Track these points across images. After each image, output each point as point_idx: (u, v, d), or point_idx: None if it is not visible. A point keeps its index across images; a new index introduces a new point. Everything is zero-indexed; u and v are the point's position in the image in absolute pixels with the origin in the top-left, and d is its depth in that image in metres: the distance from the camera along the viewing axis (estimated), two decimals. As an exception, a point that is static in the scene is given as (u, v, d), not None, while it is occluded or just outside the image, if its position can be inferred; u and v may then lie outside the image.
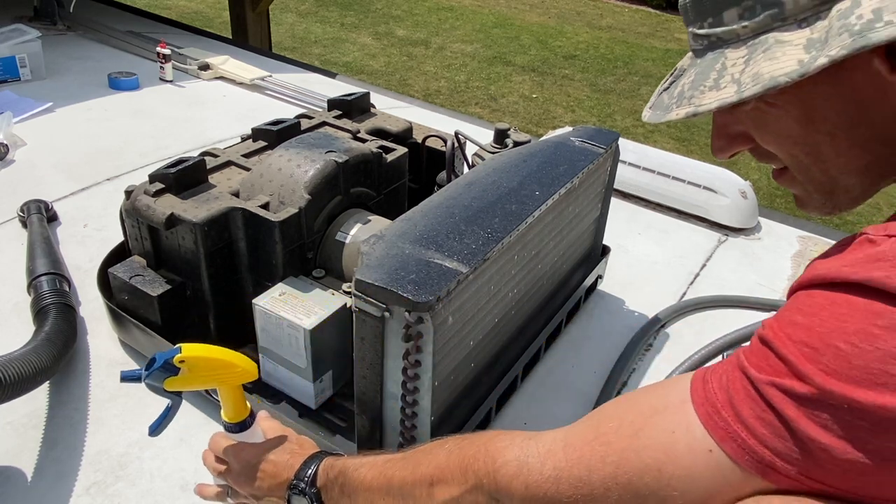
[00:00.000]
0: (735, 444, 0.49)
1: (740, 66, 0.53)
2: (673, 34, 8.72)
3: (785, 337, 0.48)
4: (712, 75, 0.56)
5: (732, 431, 0.49)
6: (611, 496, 0.54)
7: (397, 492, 0.69)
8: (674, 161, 1.93)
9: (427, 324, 0.77)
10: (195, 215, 1.02)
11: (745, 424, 0.49)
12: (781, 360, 0.48)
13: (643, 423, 0.55)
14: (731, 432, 0.49)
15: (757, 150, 0.61)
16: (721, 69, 0.55)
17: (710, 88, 0.55)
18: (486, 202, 0.98)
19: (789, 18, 0.51)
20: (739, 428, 0.49)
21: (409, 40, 7.73)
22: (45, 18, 2.86)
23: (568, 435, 0.60)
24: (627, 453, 0.54)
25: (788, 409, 0.46)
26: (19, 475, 0.97)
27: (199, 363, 0.73)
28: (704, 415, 0.51)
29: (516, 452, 0.61)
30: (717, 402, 0.51)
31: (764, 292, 1.52)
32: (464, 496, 0.64)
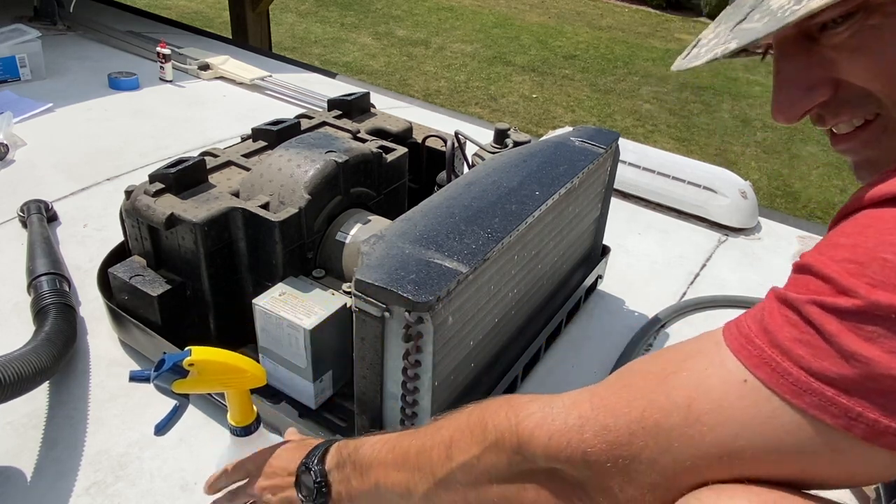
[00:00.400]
0: (769, 368, 0.46)
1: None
2: (673, 34, 8.73)
3: (827, 258, 0.46)
4: (744, 9, 0.49)
5: (767, 357, 0.46)
6: (635, 441, 0.51)
7: (413, 462, 0.66)
8: (674, 161, 1.93)
9: (427, 324, 0.77)
10: (195, 215, 1.02)
11: (781, 348, 0.46)
12: (823, 280, 0.45)
13: (675, 367, 0.53)
14: (765, 358, 0.46)
15: (840, 99, 0.52)
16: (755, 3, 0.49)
17: (746, 22, 0.48)
18: (486, 202, 0.98)
19: None
20: (775, 353, 0.46)
21: (409, 40, 7.73)
22: (45, 18, 2.86)
23: (595, 387, 0.57)
24: (655, 394, 0.51)
25: (830, 325, 0.44)
26: (19, 475, 0.97)
27: (208, 367, 0.73)
28: (737, 346, 0.49)
29: (540, 404, 0.58)
30: (751, 333, 0.49)
31: (764, 292, 1.51)
32: (483, 455, 0.60)
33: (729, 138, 5.79)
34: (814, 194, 5.04)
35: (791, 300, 0.47)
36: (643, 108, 6.37)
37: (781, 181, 5.16)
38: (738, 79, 7.23)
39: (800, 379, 0.44)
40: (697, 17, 9.54)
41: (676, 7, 9.80)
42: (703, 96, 6.70)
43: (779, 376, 0.45)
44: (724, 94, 6.79)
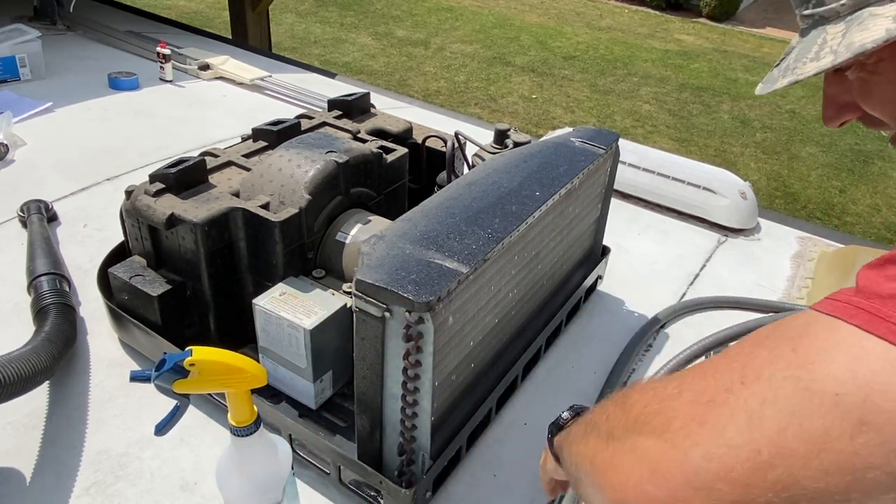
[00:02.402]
0: (869, 316, 0.46)
1: (838, 39, 0.58)
2: (672, 35, 8.73)
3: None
4: (814, 48, 0.61)
5: (868, 307, 0.46)
6: None
7: None
8: (673, 161, 1.93)
9: (427, 324, 0.77)
10: (195, 215, 1.02)
11: (885, 297, 0.46)
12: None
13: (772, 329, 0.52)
14: (865, 308, 0.46)
15: (866, 118, 0.64)
16: (822, 43, 0.60)
17: (811, 60, 0.60)
18: (487, 203, 0.98)
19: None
20: (878, 302, 0.46)
21: (409, 41, 7.73)
22: (45, 18, 2.86)
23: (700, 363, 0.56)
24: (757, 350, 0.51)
25: None
26: (19, 475, 0.97)
27: (208, 367, 0.73)
28: (833, 308, 0.48)
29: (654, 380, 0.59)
30: (847, 297, 0.48)
31: (763, 293, 1.52)
32: None
33: (728, 139, 5.79)
34: (813, 195, 5.04)
35: (892, 256, 0.48)
36: (643, 108, 6.37)
37: (781, 182, 5.16)
38: (738, 80, 7.24)
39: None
40: (697, 18, 9.54)
41: (676, 8, 9.80)
42: (703, 97, 6.70)
43: (881, 322, 0.45)
44: (723, 94, 6.79)
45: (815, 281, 1.59)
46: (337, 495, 0.97)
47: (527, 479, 1.02)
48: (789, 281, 1.59)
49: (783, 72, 0.65)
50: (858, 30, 0.56)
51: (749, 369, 0.50)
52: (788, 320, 0.52)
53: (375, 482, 0.90)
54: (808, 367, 0.46)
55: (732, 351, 0.54)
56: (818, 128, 5.91)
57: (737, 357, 0.52)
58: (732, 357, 0.53)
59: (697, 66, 7.60)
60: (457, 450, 0.99)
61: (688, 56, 7.91)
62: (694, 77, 7.25)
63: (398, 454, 0.89)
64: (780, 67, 0.67)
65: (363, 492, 0.95)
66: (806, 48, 0.62)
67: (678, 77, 7.21)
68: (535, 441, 1.09)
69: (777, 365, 0.48)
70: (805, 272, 1.62)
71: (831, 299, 0.50)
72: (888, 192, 5.16)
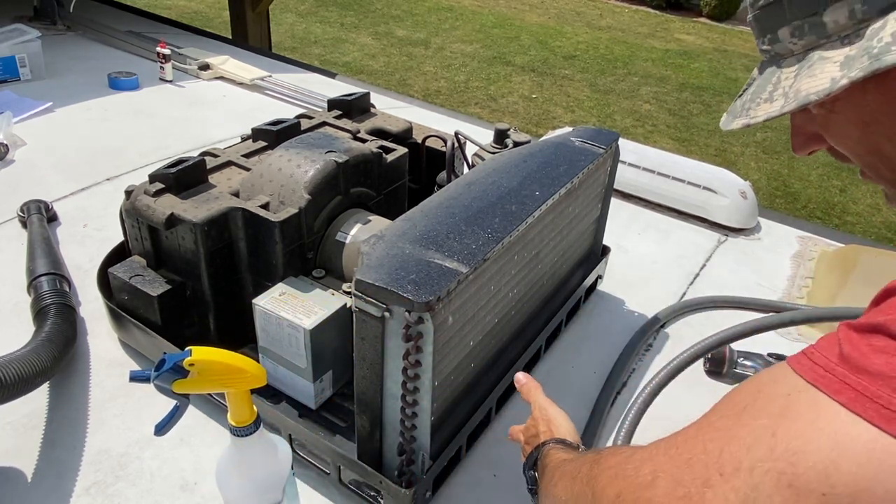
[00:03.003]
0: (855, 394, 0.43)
1: (790, 81, 0.58)
2: (672, 34, 8.73)
3: None
4: (768, 88, 0.60)
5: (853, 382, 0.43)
6: None
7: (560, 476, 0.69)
8: (674, 161, 1.93)
9: (427, 324, 0.77)
10: (195, 215, 1.02)
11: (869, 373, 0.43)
12: None
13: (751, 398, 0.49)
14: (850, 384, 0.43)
15: (832, 150, 0.63)
16: (776, 82, 0.60)
17: (765, 101, 0.60)
18: (487, 202, 0.98)
19: (833, 36, 0.54)
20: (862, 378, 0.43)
21: (409, 40, 7.73)
22: (45, 18, 2.86)
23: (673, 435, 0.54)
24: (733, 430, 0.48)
25: None
26: (19, 475, 0.97)
27: (208, 367, 0.73)
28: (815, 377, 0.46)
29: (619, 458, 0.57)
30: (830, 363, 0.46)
31: (764, 292, 1.52)
32: None
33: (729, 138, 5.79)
34: (813, 194, 5.04)
35: (877, 324, 0.44)
36: (643, 108, 6.37)
37: (781, 181, 5.16)
38: (738, 79, 7.23)
39: (892, 402, 0.41)
40: (697, 18, 9.53)
41: (676, 7, 9.80)
42: (703, 96, 6.70)
43: (867, 401, 0.42)
44: (723, 94, 6.79)
45: (815, 280, 1.59)
46: (337, 495, 0.97)
47: (527, 479, 1.02)
48: (790, 280, 1.59)
49: (741, 110, 0.64)
50: (807, 75, 0.55)
51: (727, 455, 0.47)
52: (768, 385, 0.49)
53: (375, 482, 0.90)
54: (791, 459, 0.44)
55: (709, 423, 0.51)
56: (818, 127, 5.89)
57: (714, 435, 0.49)
58: (709, 433, 0.50)
59: (698, 65, 7.60)
60: (457, 450, 0.99)
61: (688, 56, 7.91)
62: (694, 76, 7.24)
63: (398, 454, 0.89)
64: (741, 100, 0.66)
65: (363, 492, 0.94)
66: (762, 86, 0.62)
67: (678, 77, 7.21)
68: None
69: (756, 453, 0.45)
70: (805, 272, 1.62)
71: (812, 361, 0.47)
72: (888, 192, 5.14)
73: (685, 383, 1.21)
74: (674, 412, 1.15)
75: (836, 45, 0.54)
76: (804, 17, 0.56)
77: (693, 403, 1.20)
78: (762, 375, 0.52)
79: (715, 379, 1.25)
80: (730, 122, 0.65)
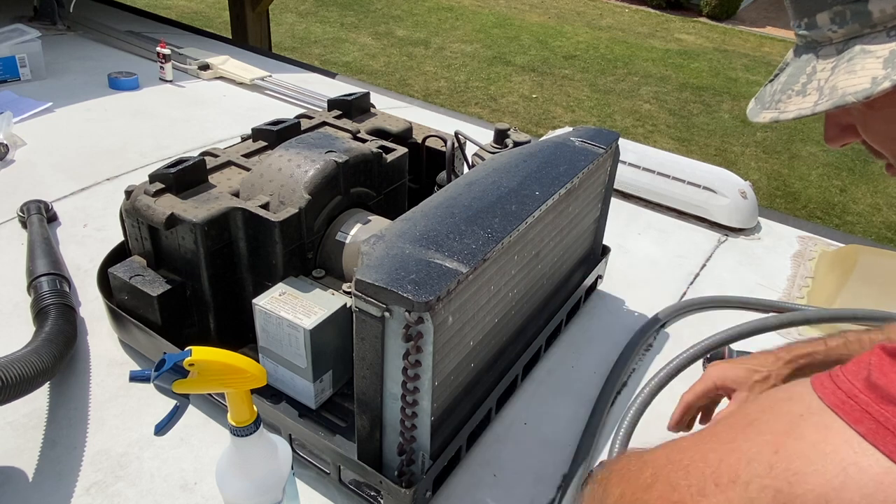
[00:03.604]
0: (876, 425, 0.41)
1: (827, 73, 0.52)
2: (673, 34, 8.73)
3: None
4: (802, 79, 0.55)
5: (875, 412, 0.41)
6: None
7: None
8: (674, 161, 1.93)
9: (427, 324, 0.77)
10: (195, 215, 1.02)
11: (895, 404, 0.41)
12: None
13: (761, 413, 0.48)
14: (872, 413, 0.41)
15: (866, 144, 0.60)
16: (811, 73, 0.54)
17: (797, 93, 0.55)
18: (487, 202, 0.98)
19: (878, 27, 0.49)
20: (886, 408, 0.41)
21: (409, 40, 7.73)
22: (45, 18, 2.86)
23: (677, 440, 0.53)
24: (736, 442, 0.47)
25: None
26: (19, 475, 0.97)
27: (208, 367, 0.73)
28: (835, 402, 0.43)
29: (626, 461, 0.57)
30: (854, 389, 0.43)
31: (764, 292, 1.52)
32: None
33: (729, 138, 5.79)
34: (814, 194, 5.04)
35: None
36: (643, 108, 6.37)
37: (781, 181, 5.16)
38: (738, 79, 7.24)
39: None
40: (697, 17, 9.53)
41: (676, 7, 9.80)
42: (703, 96, 6.70)
43: (888, 433, 0.40)
44: (723, 94, 6.79)
45: (815, 280, 1.59)
46: (337, 495, 0.97)
47: (527, 479, 1.02)
48: (790, 280, 1.59)
49: (770, 99, 0.59)
50: (845, 70, 0.50)
51: (725, 466, 0.46)
52: (783, 401, 0.47)
53: (375, 482, 0.90)
54: (790, 479, 0.42)
55: (715, 433, 0.50)
56: (819, 127, 5.90)
57: (716, 445, 0.48)
58: (712, 443, 0.49)
59: (698, 65, 7.60)
60: (457, 450, 0.99)
61: (688, 55, 7.91)
62: (694, 76, 7.24)
63: (398, 454, 0.89)
64: (773, 89, 0.61)
65: (363, 492, 0.94)
66: (795, 75, 0.56)
67: (678, 76, 7.21)
68: (536, 441, 1.10)
69: (756, 467, 0.44)
70: (805, 272, 1.62)
71: (836, 384, 0.45)
72: (889, 191, 5.15)
73: (685, 383, 1.21)
74: (674, 412, 1.15)
75: (880, 37, 0.49)
76: (846, 3, 0.50)
77: (693, 403, 1.19)
78: (779, 391, 0.50)
79: (715, 379, 1.25)
80: (758, 112, 0.60)
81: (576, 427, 1.12)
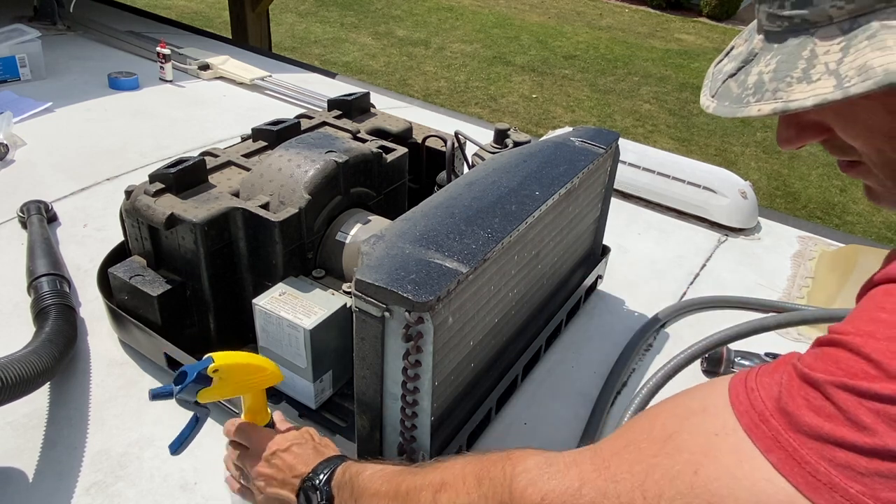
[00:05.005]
0: (785, 454, 0.43)
1: (836, 55, 0.46)
2: (673, 34, 8.73)
3: (867, 335, 0.42)
4: (800, 64, 0.48)
5: (783, 441, 0.43)
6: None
7: (401, 499, 0.66)
8: (674, 161, 1.93)
9: (427, 324, 0.77)
10: (195, 215, 1.02)
11: (800, 433, 0.42)
12: (864, 359, 0.41)
13: (678, 425, 0.50)
14: (780, 442, 0.43)
15: (831, 143, 0.54)
16: (810, 57, 0.48)
17: (799, 80, 0.48)
18: (487, 202, 0.98)
19: None
20: (791, 437, 0.43)
21: (409, 40, 7.73)
22: (45, 18, 2.86)
23: (598, 446, 0.55)
24: (658, 458, 0.49)
25: (864, 414, 0.40)
26: (19, 475, 0.97)
27: (231, 371, 0.73)
28: (749, 423, 0.45)
29: (538, 459, 0.57)
30: (766, 410, 0.45)
31: (764, 292, 1.52)
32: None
33: (729, 138, 5.79)
34: (814, 194, 5.04)
35: (816, 380, 0.43)
36: (643, 108, 6.37)
37: (781, 181, 5.16)
38: (738, 79, 7.23)
39: (819, 470, 0.41)
40: (697, 17, 9.54)
41: (676, 7, 9.80)
42: (703, 96, 6.69)
43: (795, 465, 0.42)
44: (723, 94, 6.78)
45: (815, 280, 1.59)
46: (337, 495, 0.97)
47: (527, 479, 1.02)
48: (790, 280, 1.59)
49: (755, 90, 0.51)
50: (872, 47, 0.44)
51: (650, 483, 0.48)
52: (697, 414, 0.49)
53: (375, 482, 0.90)
54: (710, 500, 0.45)
55: (635, 442, 0.51)
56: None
57: (639, 457, 0.50)
58: (635, 454, 0.51)
59: (698, 65, 7.60)
60: (457, 450, 0.98)
61: (688, 55, 7.91)
62: (694, 76, 7.24)
63: (398, 454, 0.89)
64: (745, 82, 0.53)
65: (363, 492, 0.94)
66: (788, 62, 0.49)
67: (678, 76, 7.21)
68: (536, 441, 1.10)
69: (678, 486, 0.47)
70: (805, 272, 1.62)
71: (750, 400, 0.46)
72: (889, 191, 5.14)
73: (686, 383, 1.21)
74: (674, 412, 1.16)
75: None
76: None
77: (693, 403, 1.20)
78: (694, 398, 0.52)
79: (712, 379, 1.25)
80: (737, 107, 0.52)
81: (576, 427, 1.12)
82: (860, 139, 0.51)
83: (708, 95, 0.57)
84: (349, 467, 0.75)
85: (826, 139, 0.54)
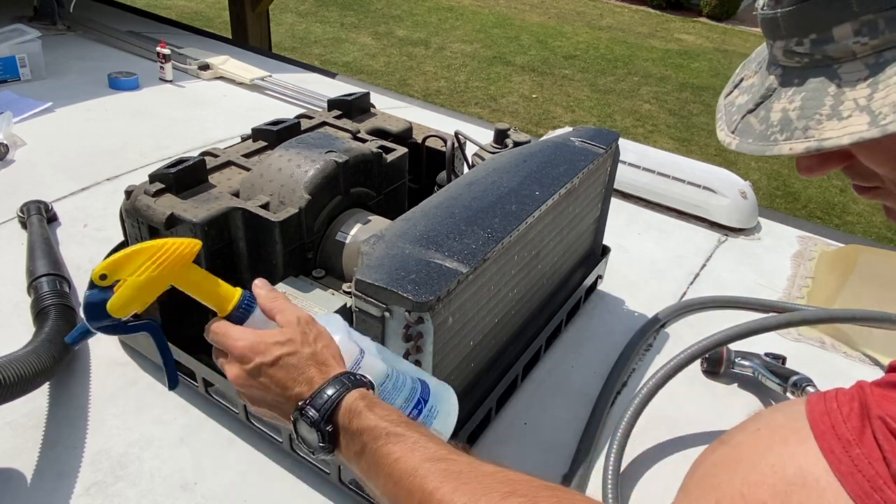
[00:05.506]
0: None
1: (864, 90, 0.46)
2: (673, 34, 8.73)
3: None
4: (827, 101, 0.48)
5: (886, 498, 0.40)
6: None
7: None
8: (674, 161, 1.93)
9: (427, 324, 0.77)
10: (195, 215, 1.02)
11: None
12: None
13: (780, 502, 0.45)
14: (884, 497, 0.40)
15: (853, 169, 0.53)
16: (837, 93, 0.47)
17: (829, 117, 0.47)
18: (486, 202, 0.98)
19: None
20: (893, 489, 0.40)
21: (409, 40, 7.73)
22: (45, 18, 2.86)
23: None
24: None
25: None
26: (19, 475, 0.97)
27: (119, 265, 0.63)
28: (844, 471, 0.42)
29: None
30: (862, 456, 0.42)
31: (764, 292, 1.52)
32: None
33: (729, 138, 5.79)
34: (814, 194, 5.04)
35: None
36: (643, 108, 6.37)
37: (781, 181, 5.16)
38: (738, 79, 7.23)
39: None
40: (697, 17, 9.54)
41: (676, 7, 9.80)
42: (703, 96, 6.70)
43: None
44: (723, 94, 6.78)
45: (815, 280, 1.59)
46: (337, 495, 0.97)
47: (527, 479, 1.02)
48: (790, 280, 1.59)
49: (782, 128, 0.50)
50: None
51: None
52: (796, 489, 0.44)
53: (375, 482, 0.90)
54: None
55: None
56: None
57: None
58: None
59: (698, 65, 7.60)
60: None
61: (688, 55, 7.91)
62: (694, 76, 7.25)
63: (398, 454, 0.89)
64: (768, 118, 0.52)
65: (363, 492, 0.94)
66: (815, 99, 0.48)
67: (678, 76, 7.21)
68: (535, 441, 1.10)
69: None
70: (805, 271, 1.62)
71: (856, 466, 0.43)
72: (889, 191, 5.14)
73: (685, 383, 1.21)
74: (673, 412, 1.16)
75: None
76: (880, 11, 0.44)
77: (692, 403, 1.20)
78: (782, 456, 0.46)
79: (712, 379, 1.25)
80: (766, 145, 0.51)
81: (576, 427, 1.12)
82: (886, 166, 0.50)
83: (727, 131, 0.56)
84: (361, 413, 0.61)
85: (847, 165, 0.53)
